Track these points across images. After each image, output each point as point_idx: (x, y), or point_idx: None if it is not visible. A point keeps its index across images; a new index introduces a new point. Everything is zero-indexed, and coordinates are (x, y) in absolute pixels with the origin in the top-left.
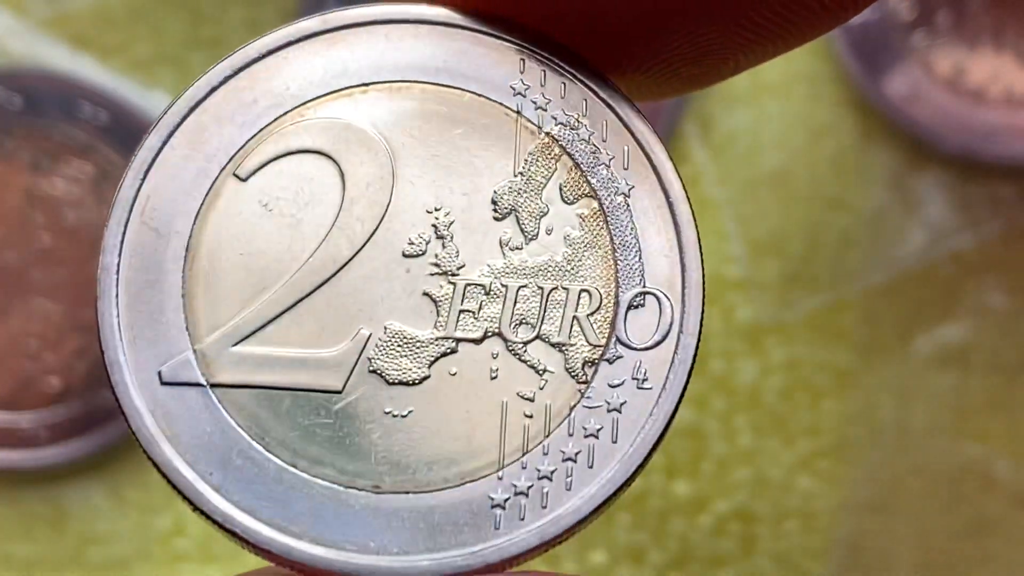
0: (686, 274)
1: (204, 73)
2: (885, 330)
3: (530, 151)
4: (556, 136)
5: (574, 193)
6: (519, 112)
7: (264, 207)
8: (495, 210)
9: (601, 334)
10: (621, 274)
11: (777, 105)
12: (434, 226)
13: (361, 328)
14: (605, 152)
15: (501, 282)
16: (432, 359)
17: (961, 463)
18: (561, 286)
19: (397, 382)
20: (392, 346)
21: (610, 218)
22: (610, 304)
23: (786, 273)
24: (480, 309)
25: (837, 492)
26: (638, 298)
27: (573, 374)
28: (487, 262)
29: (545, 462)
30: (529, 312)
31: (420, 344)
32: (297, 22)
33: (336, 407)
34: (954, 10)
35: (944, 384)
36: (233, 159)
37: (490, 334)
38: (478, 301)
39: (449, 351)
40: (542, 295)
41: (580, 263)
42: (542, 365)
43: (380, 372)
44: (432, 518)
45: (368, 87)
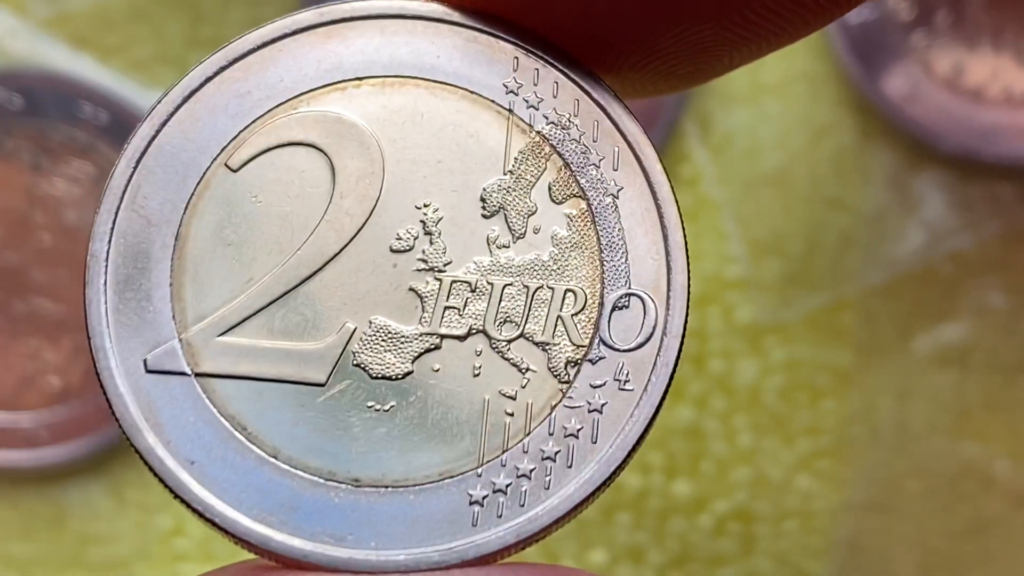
0: (672, 277)
1: (198, 63)
2: (885, 330)
3: (520, 149)
4: (547, 135)
5: (563, 193)
6: (511, 110)
7: (254, 198)
8: (484, 207)
9: (585, 334)
10: (607, 275)
11: (777, 105)
12: (422, 222)
13: (346, 322)
14: (595, 152)
15: (487, 280)
16: (416, 355)
17: (961, 463)
18: (547, 285)
19: (380, 376)
20: (376, 340)
21: (598, 219)
22: (595, 304)
23: (786, 273)
24: (465, 306)
25: (837, 492)
26: (623, 299)
27: (555, 373)
28: (474, 259)
29: (524, 460)
30: (514, 310)
31: (404, 339)
32: (293, 14)
33: (319, 400)
34: (953, 10)
35: (944, 384)
36: (225, 150)
37: (474, 331)
38: (463, 298)
39: (433, 347)
40: (527, 294)
41: (566, 263)
42: (525, 364)
43: (364, 366)
44: (410, 513)
45: (362, 81)
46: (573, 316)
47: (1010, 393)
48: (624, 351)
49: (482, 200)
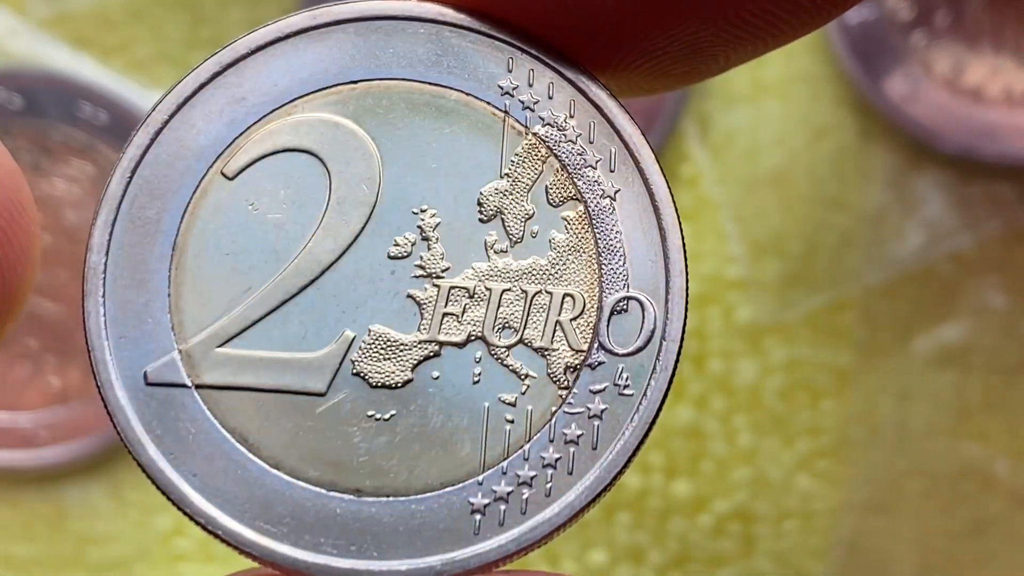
0: (670, 279)
1: (193, 69)
2: (885, 330)
3: (517, 152)
4: (543, 137)
5: (560, 195)
6: (506, 112)
7: (250, 206)
8: (481, 212)
9: (584, 339)
10: (605, 279)
11: (777, 105)
12: (420, 228)
13: (345, 330)
14: (592, 154)
15: (485, 285)
16: (415, 362)
17: (961, 463)
18: (545, 290)
19: (380, 385)
20: (375, 349)
21: (595, 221)
22: (593, 309)
23: (786, 273)
24: (464, 312)
25: (837, 492)
26: (621, 303)
27: (555, 379)
28: (472, 265)
29: (525, 468)
30: (512, 316)
31: (403, 347)
32: (286, 17)
33: (319, 410)
34: (953, 10)
35: (944, 384)
36: (220, 157)
37: (473, 338)
38: (462, 304)
39: (432, 354)
40: (526, 299)
41: (564, 267)
42: (524, 370)
43: (363, 375)
44: (412, 522)
45: (356, 85)
46: (572, 321)
47: (1010, 393)
48: (623, 355)
49: (479, 204)
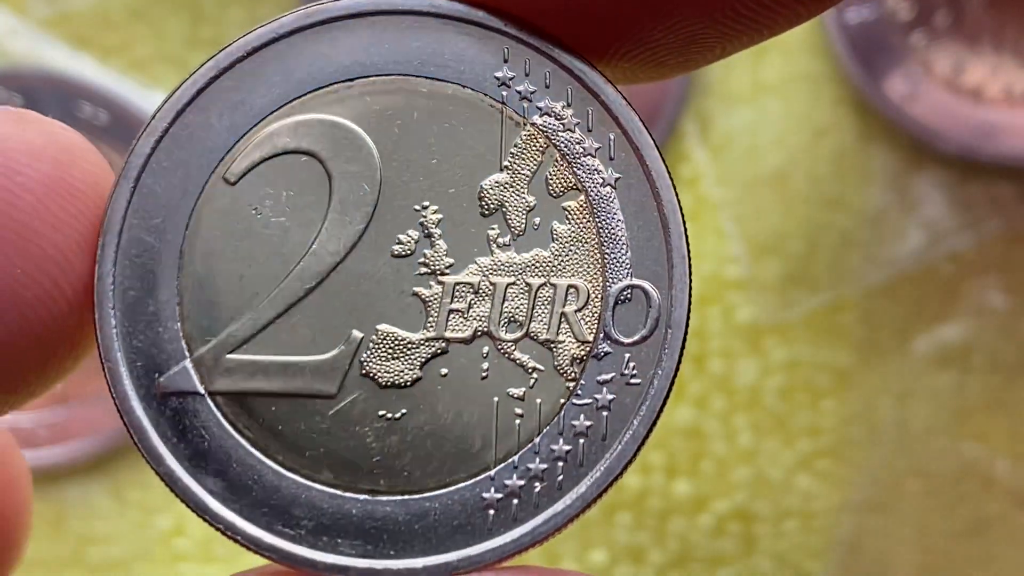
0: (673, 266)
1: (191, 75)
2: (885, 330)
3: (516, 143)
4: (541, 127)
5: (560, 186)
6: (504, 103)
7: (253, 210)
8: (482, 206)
9: (589, 330)
10: (608, 268)
11: (777, 105)
12: (422, 225)
13: (353, 331)
14: (591, 142)
15: (489, 280)
16: (423, 360)
17: (961, 463)
18: (549, 282)
19: (390, 385)
20: (383, 348)
21: (596, 210)
22: (597, 299)
23: (786, 273)
24: (469, 308)
25: (837, 492)
26: (625, 292)
27: (562, 372)
28: (475, 260)
29: (536, 461)
30: (517, 310)
31: (411, 345)
32: (279, 17)
33: (331, 411)
34: (953, 9)
35: (944, 384)
36: (222, 162)
37: (479, 333)
38: (467, 300)
39: (440, 352)
40: (530, 292)
41: (567, 258)
42: (531, 363)
43: (372, 375)
44: (427, 520)
45: (353, 83)
46: (576, 312)
47: (1010, 393)
48: (629, 345)
49: (480, 198)
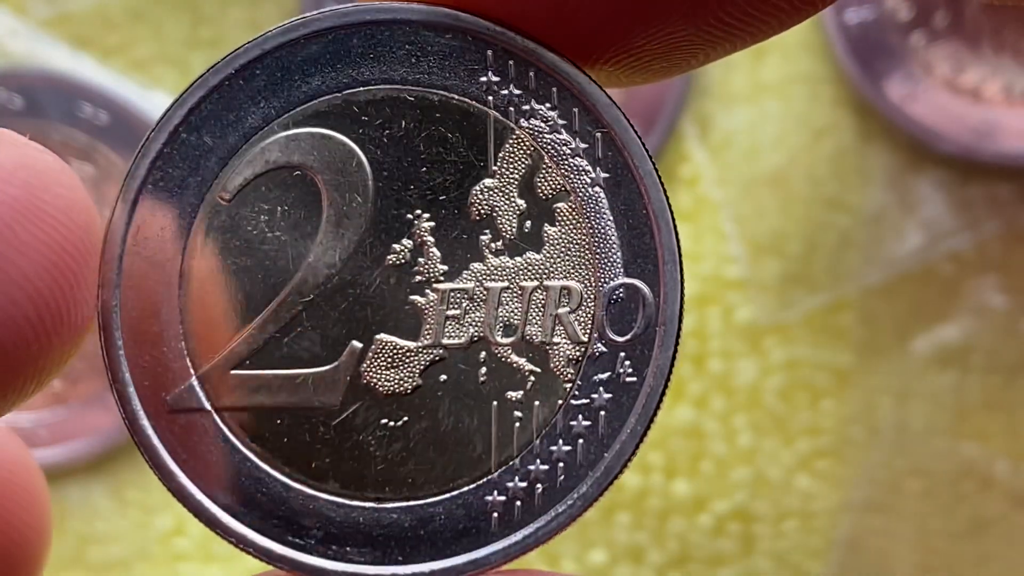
0: (664, 263)
1: (180, 95)
2: (884, 330)
3: (504, 148)
4: (528, 130)
5: (549, 188)
6: (490, 108)
7: (249, 228)
8: (473, 212)
9: (583, 331)
10: (599, 268)
11: (776, 105)
12: (415, 233)
13: (353, 342)
14: (577, 143)
15: (483, 286)
16: (422, 368)
17: (961, 463)
18: (542, 285)
19: (390, 393)
20: (383, 358)
21: (586, 211)
22: (591, 299)
23: (786, 273)
24: (465, 315)
25: (837, 492)
26: (618, 291)
27: (559, 373)
28: (469, 266)
29: (537, 463)
30: (512, 314)
31: (410, 354)
32: (263, 34)
33: (335, 422)
34: (952, 10)
35: (943, 384)
36: (217, 181)
37: (476, 339)
38: (462, 307)
39: (438, 359)
40: (524, 296)
41: (559, 260)
42: (527, 367)
43: (373, 385)
44: (432, 525)
45: (340, 94)
46: (571, 314)
47: (1010, 393)
48: (623, 344)
49: (471, 205)
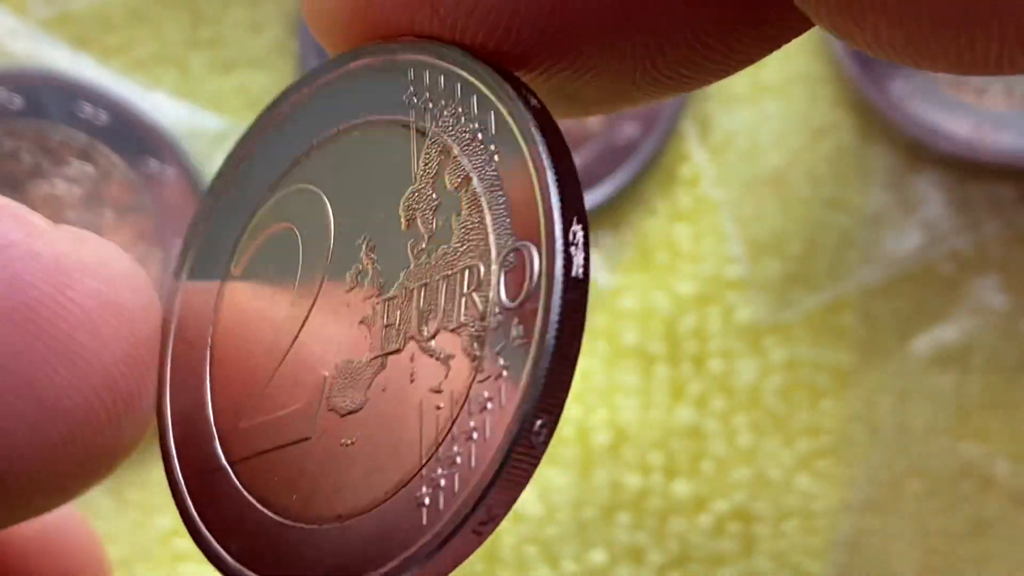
0: (548, 218)
1: (203, 196)
2: (884, 330)
3: (421, 153)
4: (441, 129)
5: (456, 178)
6: (411, 120)
7: (254, 294)
8: (403, 220)
9: (483, 305)
10: (495, 240)
11: (776, 105)
12: (363, 256)
13: (323, 372)
14: (475, 125)
15: (407, 288)
16: (369, 382)
17: (961, 463)
18: (454, 272)
19: (348, 412)
20: (341, 379)
21: (484, 189)
22: (489, 273)
23: (786, 273)
24: (399, 320)
25: (837, 492)
26: (509, 257)
27: (468, 353)
28: (399, 273)
29: (453, 448)
30: (431, 307)
31: (359, 369)
32: (242, 136)
33: (311, 452)
34: None
35: (943, 384)
36: (233, 256)
37: (407, 340)
38: (396, 313)
39: (381, 368)
40: (440, 287)
41: (466, 244)
42: (445, 354)
43: (335, 408)
44: (384, 530)
45: (308, 153)
46: (474, 292)
47: (1010, 393)
48: (514, 308)
49: (400, 214)
